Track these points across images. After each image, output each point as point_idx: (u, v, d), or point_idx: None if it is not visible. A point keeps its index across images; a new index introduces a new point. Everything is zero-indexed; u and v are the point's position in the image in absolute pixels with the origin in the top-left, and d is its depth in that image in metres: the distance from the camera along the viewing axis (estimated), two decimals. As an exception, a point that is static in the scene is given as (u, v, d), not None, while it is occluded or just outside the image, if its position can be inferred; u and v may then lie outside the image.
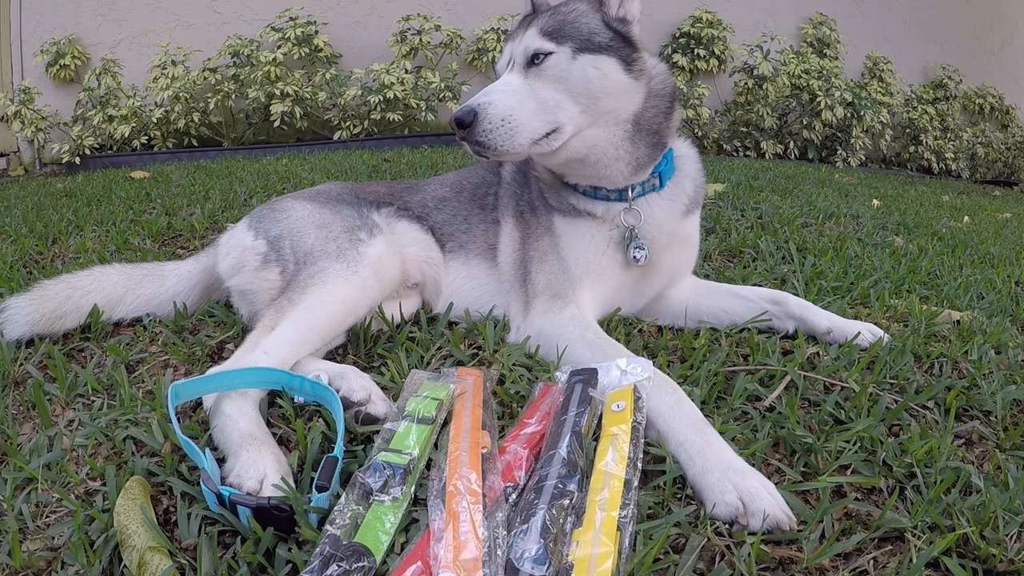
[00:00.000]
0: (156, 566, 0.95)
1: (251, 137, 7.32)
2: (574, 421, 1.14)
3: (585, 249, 1.69)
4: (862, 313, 1.98)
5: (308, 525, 0.96)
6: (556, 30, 1.57)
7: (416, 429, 1.14)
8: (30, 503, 1.11)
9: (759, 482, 1.06)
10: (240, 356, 1.42)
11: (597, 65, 1.56)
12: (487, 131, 1.50)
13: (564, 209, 1.73)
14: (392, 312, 1.77)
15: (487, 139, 1.51)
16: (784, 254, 2.61)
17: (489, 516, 0.95)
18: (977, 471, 1.16)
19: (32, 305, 1.67)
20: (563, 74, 1.55)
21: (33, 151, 7.22)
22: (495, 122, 1.50)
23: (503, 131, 1.51)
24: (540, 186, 1.80)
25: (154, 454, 1.22)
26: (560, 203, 1.75)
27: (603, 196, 1.70)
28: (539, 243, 1.74)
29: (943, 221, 4.01)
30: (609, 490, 1.00)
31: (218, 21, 7.46)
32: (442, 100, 7.08)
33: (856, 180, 6.06)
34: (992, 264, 2.89)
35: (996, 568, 0.95)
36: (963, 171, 9.21)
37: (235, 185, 4.01)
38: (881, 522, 1.01)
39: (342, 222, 1.74)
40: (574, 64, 1.56)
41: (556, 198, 1.76)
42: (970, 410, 1.42)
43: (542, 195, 1.78)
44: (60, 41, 7.11)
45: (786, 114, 8.13)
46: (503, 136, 1.51)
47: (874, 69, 8.78)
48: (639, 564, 0.91)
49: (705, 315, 1.87)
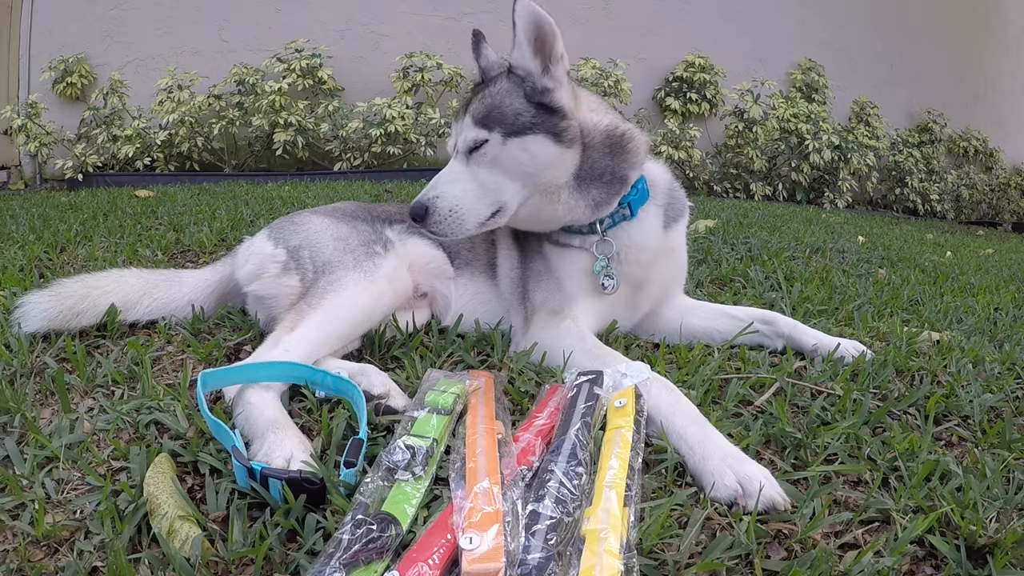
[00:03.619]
0: (186, 533, 1.00)
1: (252, 164, 7.45)
2: (583, 412, 1.22)
3: (577, 272, 1.79)
4: (846, 332, 2.09)
5: (339, 494, 1.02)
6: (486, 116, 1.67)
7: (436, 418, 1.22)
8: (52, 479, 1.14)
9: (756, 468, 1.14)
10: (262, 353, 1.48)
11: (525, 147, 1.66)
12: (438, 222, 1.67)
13: (551, 239, 1.84)
14: (406, 320, 1.85)
15: (438, 229, 1.68)
16: (772, 282, 2.72)
17: (507, 491, 1.02)
18: (956, 463, 1.24)
19: (49, 301, 1.72)
20: (497, 159, 1.67)
21: (35, 166, 7.32)
22: (444, 214, 1.67)
23: (451, 220, 1.67)
24: None
25: (178, 437, 1.28)
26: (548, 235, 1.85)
27: (577, 231, 1.80)
28: (534, 264, 1.84)
29: (926, 256, 4.16)
30: (615, 473, 1.08)
31: (225, 49, 7.66)
32: (442, 136, 7.26)
33: (843, 219, 6.25)
34: (972, 293, 3.02)
35: (977, 543, 1.02)
36: (948, 212, 9.49)
37: (240, 207, 4.10)
38: (868, 503, 1.10)
39: (358, 236, 1.83)
40: (505, 149, 1.66)
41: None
42: (949, 415, 1.51)
43: None
44: (68, 59, 7.30)
45: (775, 157, 8.38)
46: (452, 225, 1.67)
47: (861, 113, 9.10)
48: (646, 534, 0.98)
49: (699, 334, 1.96)
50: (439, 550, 0.91)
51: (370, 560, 0.89)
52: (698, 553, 0.99)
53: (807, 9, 9.06)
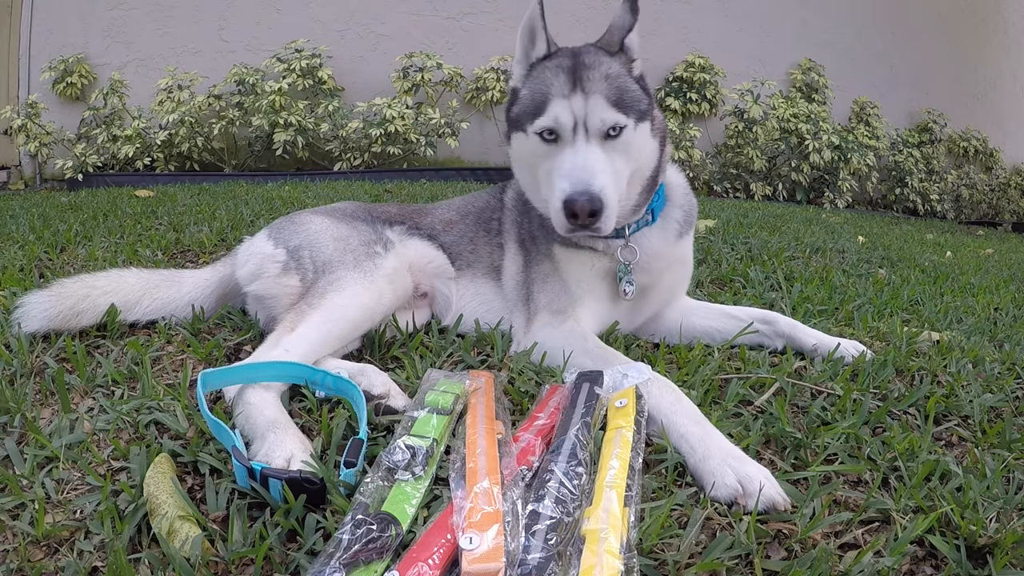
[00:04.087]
0: (186, 533, 1.00)
1: (252, 164, 7.45)
2: (583, 412, 1.22)
3: (586, 274, 1.78)
4: (846, 333, 2.09)
5: (339, 494, 1.02)
6: (620, 99, 1.55)
7: (436, 418, 1.22)
8: (52, 479, 1.14)
9: (756, 468, 1.14)
10: (262, 353, 1.49)
11: (644, 135, 1.60)
12: (607, 218, 1.47)
13: (564, 241, 1.80)
14: (406, 320, 1.85)
15: (605, 226, 1.48)
16: (772, 282, 2.72)
17: (507, 491, 1.02)
18: (956, 463, 1.24)
19: (49, 301, 1.72)
20: (628, 147, 1.56)
21: (35, 166, 7.33)
22: (612, 208, 1.48)
23: (608, 216, 1.48)
24: (542, 219, 1.86)
25: (178, 437, 1.28)
26: (561, 236, 1.81)
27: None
28: (540, 267, 1.83)
29: (926, 256, 4.16)
30: (616, 473, 1.08)
31: (225, 49, 7.66)
32: (441, 136, 7.26)
33: (843, 220, 6.25)
34: (972, 293, 3.02)
35: (977, 543, 1.02)
36: (948, 212, 9.49)
37: (240, 207, 4.10)
38: (868, 503, 1.10)
39: (358, 236, 1.83)
40: (635, 136, 1.57)
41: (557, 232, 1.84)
42: (949, 415, 1.51)
43: (543, 225, 1.86)
44: (68, 59, 7.31)
45: (775, 157, 8.38)
46: (608, 221, 1.49)
47: (861, 113, 9.10)
48: (646, 533, 0.98)
49: (699, 333, 1.95)
50: (439, 550, 0.91)
51: (370, 560, 0.89)
52: (698, 553, 0.99)
53: (807, 9, 9.06)
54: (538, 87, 1.62)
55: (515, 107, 1.68)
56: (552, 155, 1.57)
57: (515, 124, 1.67)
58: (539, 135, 1.58)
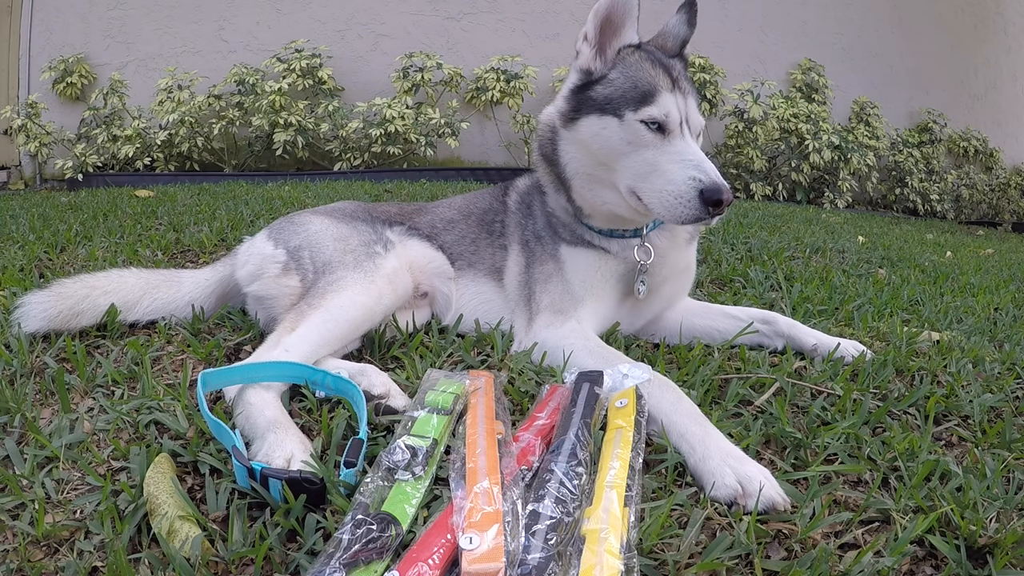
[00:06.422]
0: (186, 533, 1.00)
1: (252, 164, 7.45)
2: (583, 412, 1.22)
3: (592, 275, 1.78)
4: (846, 333, 2.09)
5: (339, 494, 1.02)
6: (698, 103, 1.68)
7: (436, 418, 1.22)
8: (52, 479, 1.14)
9: (756, 468, 1.14)
10: (262, 353, 1.49)
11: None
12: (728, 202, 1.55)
13: (573, 241, 1.82)
14: (406, 320, 1.85)
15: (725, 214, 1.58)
16: (772, 282, 2.72)
17: (507, 491, 1.02)
18: (956, 463, 1.24)
19: (49, 301, 1.72)
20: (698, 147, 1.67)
21: (35, 166, 7.33)
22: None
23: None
24: (549, 219, 1.88)
25: (178, 437, 1.28)
26: (570, 236, 1.83)
27: (619, 235, 1.79)
28: (544, 267, 1.83)
29: (926, 256, 4.16)
30: (616, 473, 1.08)
31: (225, 49, 7.66)
32: (441, 136, 7.26)
33: (843, 220, 6.25)
34: (972, 293, 3.02)
35: (977, 543, 1.02)
36: (948, 212, 9.49)
37: (240, 207, 4.10)
38: (868, 503, 1.10)
39: (358, 236, 1.83)
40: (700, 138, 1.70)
41: (567, 231, 1.84)
42: (949, 415, 1.51)
43: (549, 226, 1.87)
44: (68, 59, 7.31)
45: (775, 157, 8.38)
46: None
47: (861, 113, 9.09)
48: (646, 533, 0.98)
49: (699, 333, 1.95)
50: (439, 550, 0.91)
51: (370, 560, 0.89)
52: (698, 553, 0.99)
53: (807, 9, 9.06)
54: (640, 76, 1.64)
55: (600, 88, 1.67)
56: (659, 145, 1.60)
57: (600, 107, 1.66)
58: (644, 123, 1.59)
